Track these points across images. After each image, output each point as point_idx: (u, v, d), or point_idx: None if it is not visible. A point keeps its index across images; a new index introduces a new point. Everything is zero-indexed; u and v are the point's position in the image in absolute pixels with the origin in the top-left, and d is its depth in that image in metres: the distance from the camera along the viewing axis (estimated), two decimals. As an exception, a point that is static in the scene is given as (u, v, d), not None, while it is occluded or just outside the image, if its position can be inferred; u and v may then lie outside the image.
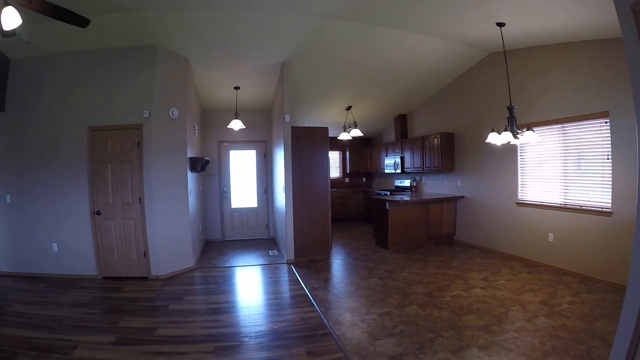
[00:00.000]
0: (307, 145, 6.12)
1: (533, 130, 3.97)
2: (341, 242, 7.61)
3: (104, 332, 3.50)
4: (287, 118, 5.95)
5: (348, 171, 11.13)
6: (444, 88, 7.62)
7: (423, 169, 7.94)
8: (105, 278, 5.28)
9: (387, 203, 6.60)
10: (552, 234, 5.17)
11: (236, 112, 6.94)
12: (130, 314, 3.95)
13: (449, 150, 7.26)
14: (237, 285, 5.09)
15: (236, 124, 6.80)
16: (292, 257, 6.02)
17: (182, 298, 4.47)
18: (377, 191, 9.43)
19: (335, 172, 11.33)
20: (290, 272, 5.53)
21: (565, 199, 5.04)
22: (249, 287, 5.07)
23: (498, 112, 5.51)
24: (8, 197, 5.34)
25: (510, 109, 4.04)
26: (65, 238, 5.32)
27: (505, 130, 4.03)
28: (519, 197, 5.77)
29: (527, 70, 5.45)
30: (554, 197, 5.20)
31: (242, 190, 8.30)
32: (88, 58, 5.24)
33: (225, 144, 8.11)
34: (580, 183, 4.84)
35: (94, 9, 3.99)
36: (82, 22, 3.09)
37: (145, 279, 5.24)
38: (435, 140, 7.37)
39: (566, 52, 4.90)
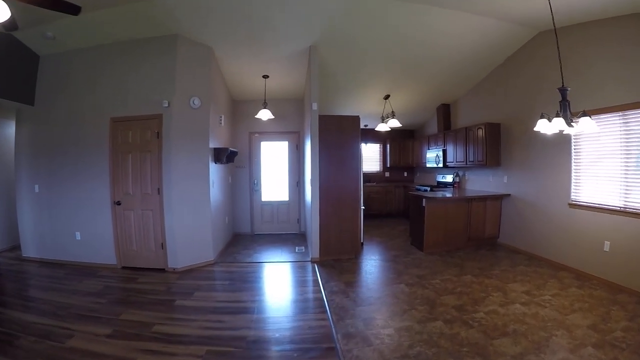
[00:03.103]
0: (337, 135, 5.70)
1: (590, 117, 3.26)
2: (376, 240, 7.16)
3: (104, 323, 3.48)
4: (315, 106, 5.54)
5: (388, 165, 10.52)
6: (490, 74, 6.87)
7: (466, 164, 7.24)
8: (124, 268, 5.36)
9: (424, 200, 6.04)
10: (608, 243, 4.40)
11: (265, 102, 6.68)
12: (135, 307, 3.92)
13: (495, 143, 6.51)
14: (252, 283, 4.77)
15: (264, 114, 6.54)
16: (316, 255, 5.66)
17: (191, 293, 4.33)
18: (417, 187, 8.81)
19: (375, 165, 10.85)
20: (313, 271, 5.17)
21: (625, 201, 4.25)
22: (264, 286, 4.74)
23: (549, 99, 4.88)
24: (36, 186, 5.63)
25: (562, 91, 3.30)
26: (87, 227, 5.47)
27: (557, 116, 3.32)
28: (572, 197, 4.99)
29: (581, 51, 4.69)
30: (612, 198, 4.41)
31: (273, 183, 8.02)
32: (110, 51, 5.33)
33: (256, 135, 7.87)
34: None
35: (112, 1, 4.13)
36: (73, 9, 3.02)
37: (162, 270, 5.22)
38: (480, 132, 6.65)
39: (627, 26, 4.11)
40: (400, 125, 7.68)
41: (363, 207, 6.39)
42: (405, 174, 10.98)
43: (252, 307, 3.96)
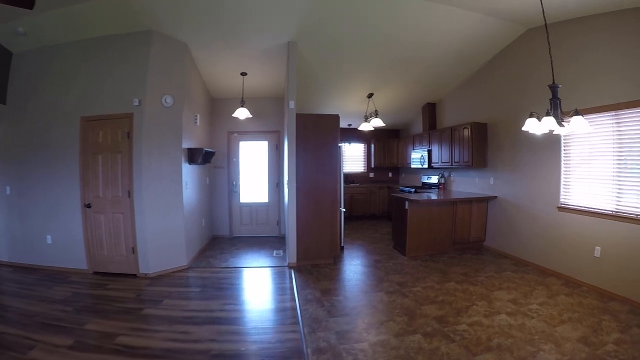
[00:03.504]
0: (315, 134, 5.45)
1: (582, 116, 3.04)
2: (358, 243, 6.95)
3: (66, 334, 3.30)
4: (292, 104, 5.30)
5: (373, 165, 10.31)
6: (476, 72, 6.68)
7: (452, 164, 7.04)
8: (95, 273, 5.14)
9: (406, 202, 5.82)
10: (599, 248, 4.22)
11: (242, 100, 6.43)
12: (100, 315, 3.73)
13: (481, 143, 6.33)
14: (225, 291, 4.50)
15: (242, 113, 6.29)
16: (293, 260, 5.41)
17: (160, 301, 4.10)
18: (401, 188, 8.64)
19: (359, 166, 10.65)
20: (289, 278, 4.92)
21: (617, 205, 4.07)
22: (237, 294, 4.46)
23: (537, 98, 4.74)
24: (8, 188, 5.40)
25: (553, 88, 3.09)
26: (58, 231, 5.26)
27: (547, 115, 3.10)
28: (562, 200, 4.81)
29: (571, 48, 4.52)
30: (603, 202, 4.23)
31: (253, 184, 7.73)
32: (83, 47, 5.12)
33: (235, 134, 7.57)
34: (636, 186, 3.86)
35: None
36: (27, 3, 2.96)
37: (134, 276, 5.01)
38: (466, 132, 6.46)
39: (625, 19, 3.91)
40: (384, 124, 7.47)
41: (343, 209, 6.16)
42: (390, 174, 10.79)
43: (220, 317, 3.72)
